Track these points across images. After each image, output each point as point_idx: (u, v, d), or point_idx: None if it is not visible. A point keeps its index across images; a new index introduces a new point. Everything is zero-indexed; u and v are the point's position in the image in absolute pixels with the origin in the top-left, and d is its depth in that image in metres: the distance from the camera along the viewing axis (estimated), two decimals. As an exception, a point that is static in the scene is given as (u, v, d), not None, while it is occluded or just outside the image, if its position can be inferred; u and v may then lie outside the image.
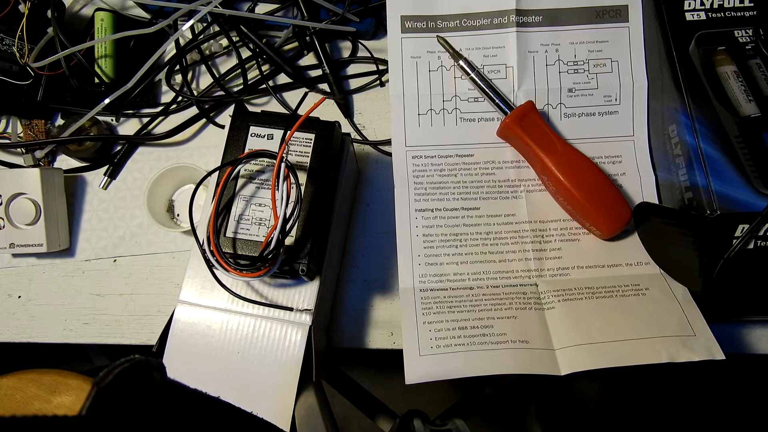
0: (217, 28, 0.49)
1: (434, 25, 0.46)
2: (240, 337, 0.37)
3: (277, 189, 0.33)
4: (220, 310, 0.37)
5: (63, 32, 0.46)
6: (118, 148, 0.50)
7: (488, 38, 0.46)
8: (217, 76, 0.49)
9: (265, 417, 0.33)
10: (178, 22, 0.49)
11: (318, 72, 0.50)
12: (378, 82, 0.49)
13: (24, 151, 0.49)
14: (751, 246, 0.36)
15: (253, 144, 0.37)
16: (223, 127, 0.48)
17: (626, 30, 0.46)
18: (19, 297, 0.47)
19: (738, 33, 0.42)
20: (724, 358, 0.35)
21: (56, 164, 0.50)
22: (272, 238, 0.33)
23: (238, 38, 0.49)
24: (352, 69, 0.50)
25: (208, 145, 0.50)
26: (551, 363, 0.37)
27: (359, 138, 0.48)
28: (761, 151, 0.38)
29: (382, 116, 0.49)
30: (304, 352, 0.36)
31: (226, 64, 0.51)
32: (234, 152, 0.37)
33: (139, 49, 0.50)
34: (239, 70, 0.49)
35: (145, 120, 0.50)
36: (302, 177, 0.36)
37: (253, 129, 0.37)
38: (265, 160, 0.36)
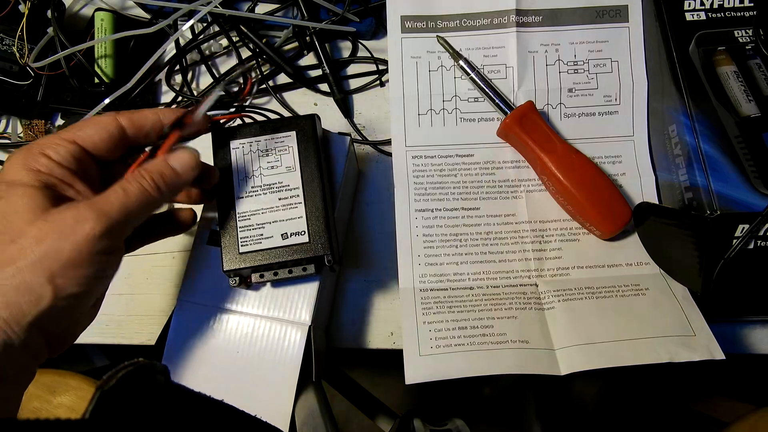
0: (217, 28, 0.49)
1: (434, 25, 0.46)
2: (239, 336, 0.37)
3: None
4: (220, 309, 0.37)
5: (63, 32, 0.46)
6: (118, 148, 0.50)
7: (488, 38, 0.46)
8: (217, 76, 0.49)
9: (265, 417, 0.33)
10: (178, 22, 0.49)
11: (318, 72, 0.50)
12: (378, 82, 0.49)
13: (24, 151, 0.49)
14: (751, 246, 0.36)
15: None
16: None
17: (626, 30, 0.46)
18: (19, 297, 0.47)
19: (738, 33, 0.42)
20: (724, 358, 0.35)
21: (56, 164, 0.50)
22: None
23: (238, 38, 0.49)
24: (352, 69, 0.50)
25: (209, 144, 0.49)
26: (551, 363, 0.37)
27: (359, 138, 0.48)
28: (761, 151, 0.38)
29: (382, 116, 0.49)
30: (303, 352, 0.36)
31: (226, 64, 0.51)
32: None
33: (139, 49, 0.49)
34: (239, 70, 0.49)
35: (145, 120, 0.50)
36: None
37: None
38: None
